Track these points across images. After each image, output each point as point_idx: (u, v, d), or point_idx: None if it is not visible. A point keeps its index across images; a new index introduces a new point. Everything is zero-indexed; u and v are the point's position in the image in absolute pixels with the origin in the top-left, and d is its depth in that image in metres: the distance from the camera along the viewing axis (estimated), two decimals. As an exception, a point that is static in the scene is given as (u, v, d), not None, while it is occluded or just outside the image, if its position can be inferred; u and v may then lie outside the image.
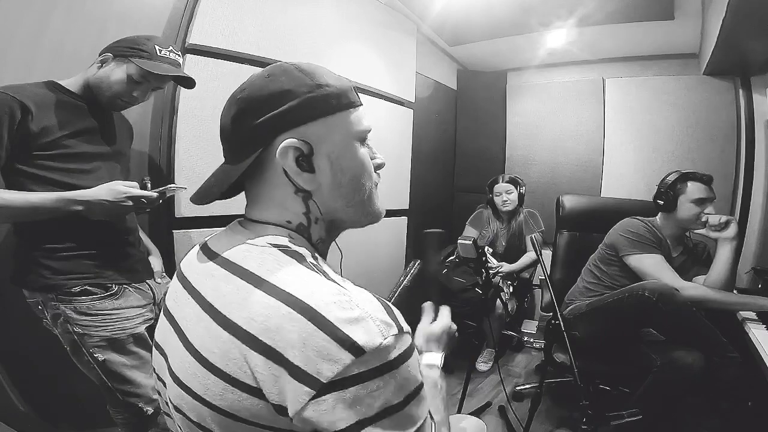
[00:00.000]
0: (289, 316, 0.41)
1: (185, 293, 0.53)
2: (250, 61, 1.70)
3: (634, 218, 1.72)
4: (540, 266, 1.93)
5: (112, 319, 1.08)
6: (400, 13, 2.52)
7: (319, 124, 0.50)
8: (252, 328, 0.42)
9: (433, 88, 3.06)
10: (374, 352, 0.40)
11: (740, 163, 2.53)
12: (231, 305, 0.44)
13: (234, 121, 0.50)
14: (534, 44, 2.86)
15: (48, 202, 0.98)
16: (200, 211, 1.60)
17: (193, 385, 0.45)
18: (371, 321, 0.41)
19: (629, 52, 2.86)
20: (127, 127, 1.30)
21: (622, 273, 1.68)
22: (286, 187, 0.52)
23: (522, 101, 3.31)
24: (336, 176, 0.52)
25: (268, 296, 0.43)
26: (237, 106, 0.50)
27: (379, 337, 0.40)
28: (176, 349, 0.50)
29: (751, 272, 2.17)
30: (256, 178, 0.53)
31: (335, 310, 0.41)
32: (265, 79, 0.50)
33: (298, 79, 0.50)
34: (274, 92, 0.49)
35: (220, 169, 0.55)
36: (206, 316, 0.46)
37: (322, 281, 0.44)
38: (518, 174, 2.72)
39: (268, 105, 0.49)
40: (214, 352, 0.43)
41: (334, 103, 0.51)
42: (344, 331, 0.40)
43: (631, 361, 1.56)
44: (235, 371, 0.42)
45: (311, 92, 0.49)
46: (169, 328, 0.53)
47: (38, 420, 1.38)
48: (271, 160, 0.50)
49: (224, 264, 0.49)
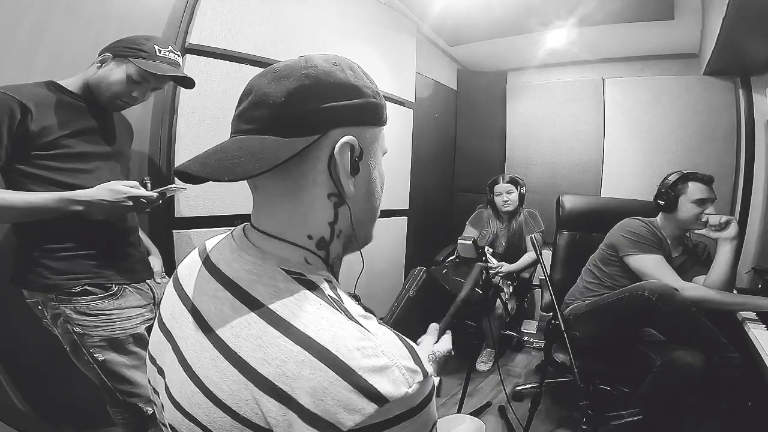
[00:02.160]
0: (309, 363, 0.38)
1: (184, 310, 0.49)
2: (250, 61, 1.70)
3: (634, 218, 1.72)
4: (540, 266, 1.93)
5: (111, 319, 1.08)
6: (400, 13, 2.52)
7: (368, 130, 0.48)
8: (267, 372, 0.39)
9: (433, 88, 3.06)
10: (399, 401, 0.38)
11: (740, 163, 2.53)
12: (241, 340, 0.41)
13: (291, 96, 0.43)
14: (534, 44, 2.86)
15: (48, 202, 0.98)
16: (200, 211, 1.60)
17: (197, 414, 0.43)
18: (397, 370, 0.39)
19: (629, 52, 2.86)
20: (127, 127, 1.30)
21: (622, 273, 1.68)
22: (320, 187, 0.46)
23: (522, 101, 3.31)
24: (369, 187, 0.50)
25: (285, 338, 0.40)
26: (299, 82, 0.43)
27: (405, 387, 0.38)
28: (176, 373, 0.46)
29: (751, 272, 2.17)
30: (290, 172, 0.45)
31: (359, 358, 0.38)
32: (332, 66, 0.45)
33: (363, 79, 0.47)
34: (343, 83, 0.45)
35: (256, 142, 0.43)
36: (212, 348, 0.43)
37: (344, 323, 0.41)
38: (518, 174, 2.72)
39: (334, 93, 0.44)
40: (222, 389, 0.41)
41: (383, 115, 0.50)
42: (368, 380, 0.37)
43: (631, 361, 1.56)
44: (246, 411, 0.39)
45: (374, 98, 0.48)
46: (167, 345, 0.50)
47: (38, 420, 1.38)
48: (313, 158, 0.45)
49: (229, 286, 0.45)
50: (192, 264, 0.53)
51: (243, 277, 0.45)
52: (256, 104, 0.44)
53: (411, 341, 0.43)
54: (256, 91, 0.45)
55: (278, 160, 0.41)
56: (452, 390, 2.14)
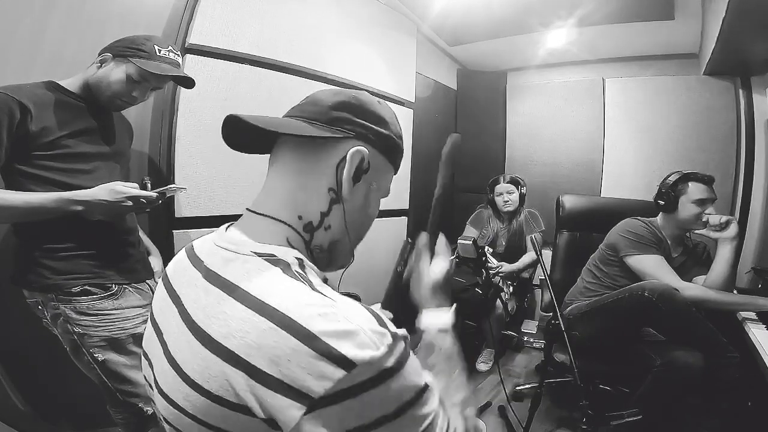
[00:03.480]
0: (272, 332, 0.39)
1: (170, 301, 0.52)
2: (250, 61, 1.70)
3: (634, 218, 1.71)
4: (540, 266, 1.93)
5: (111, 319, 1.08)
6: (400, 13, 2.52)
7: (382, 159, 0.57)
8: (231, 345, 0.40)
9: (433, 88, 3.06)
10: (367, 364, 0.38)
11: (740, 163, 2.53)
12: (210, 319, 0.43)
13: (337, 104, 0.54)
14: (534, 44, 2.86)
15: (48, 202, 0.98)
16: (200, 211, 1.60)
17: (178, 399, 0.44)
18: (362, 333, 0.39)
19: (629, 52, 2.86)
20: (127, 127, 1.30)
21: (622, 273, 1.68)
22: (325, 179, 0.53)
23: (522, 101, 3.31)
24: (364, 204, 0.56)
25: (246, 309, 0.41)
26: (346, 99, 0.54)
27: (372, 349, 0.39)
28: (160, 361, 0.49)
29: (751, 272, 2.17)
30: (307, 156, 0.53)
31: (322, 323, 0.39)
32: (376, 101, 0.57)
33: (396, 122, 0.59)
34: (377, 113, 0.56)
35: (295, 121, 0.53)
36: (186, 330, 0.45)
37: (307, 292, 0.43)
38: (518, 174, 2.72)
39: (367, 117, 0.54)
40: (194, 369, 0.42)
41: (398, 158, 0.60)
42: (332, 345, 0.38)
43: (631, 361, 1.56)
44: (217, 389, 0.40)
45: (396, 136, 0.58)
46: (155, 338, 0.52)
47: (38, 420, 1.38)
48: (331, 152, 0.52)
49: (206, 273, 0.49)
50: (179, 260, 0.57)
51: (217, 263, 0.49)
52: (310, 102, 0.55)
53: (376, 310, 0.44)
54: (314, 95, 0.56)
55: (307, 133, 0.50)
56: (452, 390, 2.14)
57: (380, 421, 0.40)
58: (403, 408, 0.41)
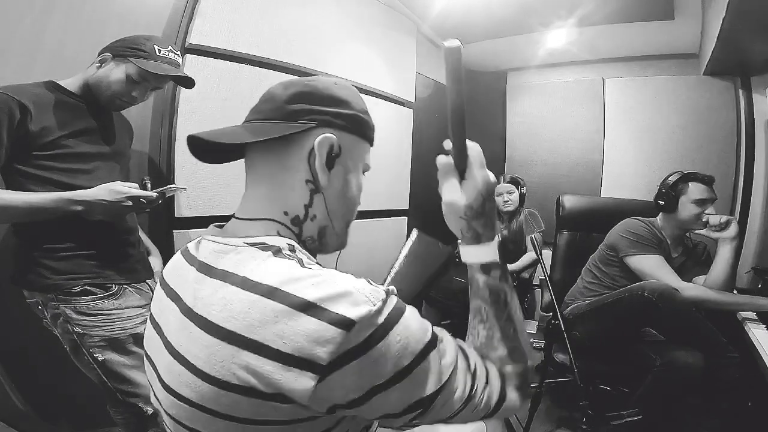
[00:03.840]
0: (271, 307, 0.40)
1: (170, 302, 0.53)
2: (249, 61, 1.69)
3: (634, 218, 1.71)
4: (540, 266, 1.92)
5: (111, 319, 1.08)
6: (400, 13, 2.52)
7: (352, 139, 0.56)
8: (235, 327, 0.41)
9: (433, 88, 3.06)
10: (364, 320, 0.40)
11: (740, 163, 2.53)
12: (210, 307, 0.44)
13: (291, 97, 0.53)
14: (534, 44, 2.86)
15: (47, 202, 0.98)
16: (200, 211, 1.60)
17: (184, 391, 0.45)
18: (356, 292, 0.41)
19: (629, 52, 2.86)
20: (127, 127, 1.30)
21: (622, 273, 1.68)
22: (300, 173, 0.53)
23: (522, 101, 3.31)
24: (344, 187, 0.56)
25: (244, 291, 0.43)
26: (299, 88, 0.54)
27: (368, 305, 0.40)
28: (163, 357, 0.49)
29: (751, 272, 2.17)
30: (278, 155, 0.54)
31: (315, 291, 0.40)
32: (332, 83, 0.56)
33: (357, 98, 0.58)
34: (335, 96, 0.55)
35: (255, 124, 0.54)
36: (188, 321, 0.46)
37: (295, 267, 0.44)
38: (518, 174, 2.72)
39: (326, 101, 0.54)
40: (200, 358, 0.43)
41: (368, 132, 0.59)
42: (329, 308, 0.39)
43: (631, 361, 1.56)
44: (224, 374, 0.41)
45: (361, 112, 0.57)
46: (157, 337, 0.53)
47: (38, 420, 1.38)
48: (303, 141, 0.53)
49: (201, 267, 0.50)
50: (175, 261, 0.59)
51: (211, 257, 0.50)
52: (265, 101, 0.56)
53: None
54: (268, 92, 0.56)
55: (268, 135, 0.50)
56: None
57: (396, 378, 0.41)
58: (417, 360, 0.42)
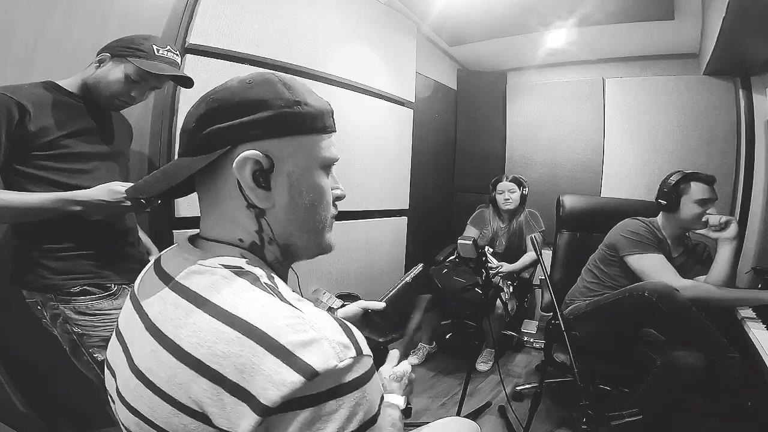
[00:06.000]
0: (239, 341, 0.39)
1: (136, 315, 0.51)
2: (250, 61, 1.70)
3: (634, 218, 1.71)
4: (540, 266, 1.92)
5: (111, 319, 1.08)
6: (400, 13, 2.52)
7: (287, 141, 0.49)
8: (199, 354, 0.40)
9: (433, 88, 3.06)
10: (328, 374, 0.38)
11: (740, 163, 2.53)
12: (178, 329, 0.43)
13: (198, 120, 0.48)
14: (534, 44, 2.87)
15: (46, 202, 0.98)
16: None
17: (141, 408, 0.44)
18: (327, 342, 0.39)
19: (629, 52, 2.86)
20: (126, 127, 1.30)
21: (622, 273, 1.68)
22: (237, 200, 0.49)
23: (522, 101, 3.31)
24: (294, 198, 0.50)
25: (215, 320, 0.41)
26: (207, 106, 0.48)
27: (334, 359, 0.38)
28: (124, 371, 0.48)
29: (751, 272, 2.17)
30: (210, 187, 0.50)
31: (288, 333, 0.39)
32: (244, 85, 0.49)
33: (276, 92, 0.48)
34: (247, 100, 0.47)
35: (173, 164, 0.51)
36: (152, 340, 0.44)
37: (276, 303, 0.42)
38: (518, 174, 2.72)
39: (238, 111, 0.47)
40: (160, 377, 0.42)
41: (307, 123, 0.50)
42: (296, 354, 0.38)
43: (631, 361, 1.55)
44: (180, 395, 0.40)
45: (287, 107, 0.48)
46: (119, 348, 0.52)
47: (38, 420, 1.38)
48: (228, 168, 0.47)
49: (174, 286, 0.47)
50: (145, 274, 0.56)
51: (185, 276, 0.47)
52: (182, 132, 0.51)
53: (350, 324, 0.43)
54: (184, 120, 0.51)
55: (180, 178, 0.47)
56: (452, 390, 2.14)
57: None
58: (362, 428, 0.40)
